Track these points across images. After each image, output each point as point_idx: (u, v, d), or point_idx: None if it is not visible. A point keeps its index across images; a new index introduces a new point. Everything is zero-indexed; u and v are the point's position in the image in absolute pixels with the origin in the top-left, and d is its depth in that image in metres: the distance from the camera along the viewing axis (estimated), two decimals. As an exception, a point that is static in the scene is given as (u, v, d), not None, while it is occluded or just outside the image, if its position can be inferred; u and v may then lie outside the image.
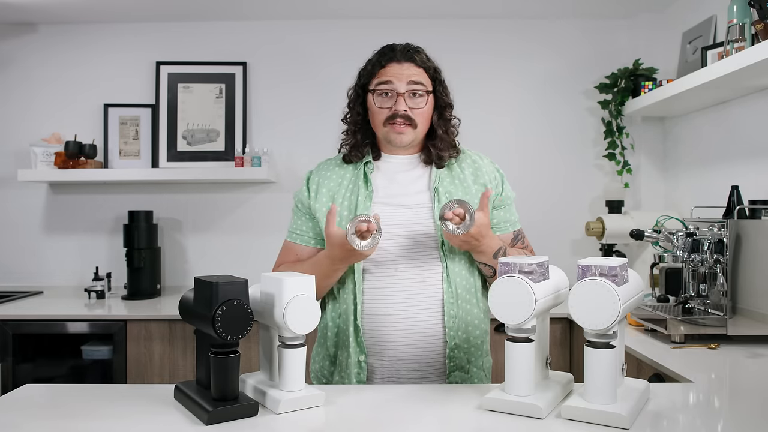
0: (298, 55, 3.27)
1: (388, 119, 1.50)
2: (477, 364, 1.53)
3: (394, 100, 1.49)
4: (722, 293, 1.88)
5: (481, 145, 3.24)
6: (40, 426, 1.15)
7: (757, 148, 2.39)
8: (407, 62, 1.51)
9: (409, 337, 1.46)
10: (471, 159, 1.60)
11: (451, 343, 1.48)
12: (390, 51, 1.53)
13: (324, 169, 1.61)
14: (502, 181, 1.59)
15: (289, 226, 1.63)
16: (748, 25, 2.11)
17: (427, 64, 1.54)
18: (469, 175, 1.56)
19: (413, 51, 1.53)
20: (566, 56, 3.24)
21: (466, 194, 1.53)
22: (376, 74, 1.52)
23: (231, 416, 1.15)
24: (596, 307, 1.09)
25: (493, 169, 1.60)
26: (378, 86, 1.51)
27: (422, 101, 1.51)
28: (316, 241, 1.58)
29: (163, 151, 3.24)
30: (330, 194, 1.56)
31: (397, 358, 1.47)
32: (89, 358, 2.66)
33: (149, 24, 3.28)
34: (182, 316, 1.30)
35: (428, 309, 1.47)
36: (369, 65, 1.55)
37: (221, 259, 3.26)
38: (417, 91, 1.50)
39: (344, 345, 1.51)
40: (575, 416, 1.13)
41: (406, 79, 1.49)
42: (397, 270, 1.47)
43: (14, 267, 3.29)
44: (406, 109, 1.49)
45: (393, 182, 1.55)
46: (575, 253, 3.19)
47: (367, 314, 1.48)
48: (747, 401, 1.38)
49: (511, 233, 1.59)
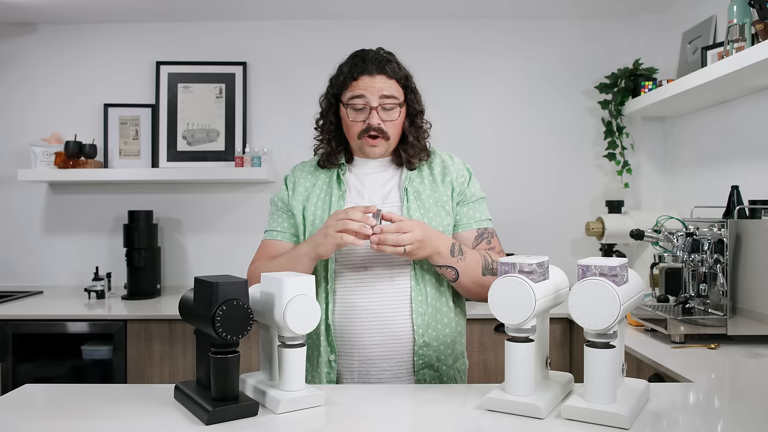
0: (298, 55, 3.27)
1: (362, 132, 1.53)
2: (447, 363, 1.54)
3: (367, 114, 1.52)
4: (722, 293, 1.88)
5: (481, 144, 3.26)
6: (40, 426, 1.15)
7: (757, 148, 2.39)
8: (379, 74, 1.52)
9: (378, 336, 1.48)
10: (440, 159, 1.63)
11: (420, 340, 1.49)
12: (362, 62, 1.53)
13: (299, 170, 1.67)
14: (468, 179, 1.62)
15: (267, 226, 1.66)
16: (748, 25, 2.11)
17: (399, 73, 1.55)
18: (438, 174, 1.60)
19: (384, 62, 1.54)
20: (566, 56, 3.24)
21: (434, 192, 1.57)
22: (349, 86, 1.54)
23: (231, 416, 1.15)
24: (596, 307, 1.09)
25: (462, 168, 1.63)
26: (351, 100, 1.53)
27: (395, 113, 1.54)
28: (296, 239, 1.61)
29: (163, 151, 3.24)
30: (306, 193, 1.60)
31: (366, 357, 1.49)
32: (89, 358, 2.66)
33: (149, 24, 3.28)
34: (182, 316, 1.30)
35: (397, 307, 1.49)
36: (341, 76, 1.56)
37: (221, 259, 3.26)
38: (388, 104, 1.52)
39: (315, 344, 1.53)
40: (575, 416, 1.13)
41: (378, 92, 1.51)
42: (367, 269, 1.50)
43: (14, 267, 3.29)
44: (379, 122, 1.52)
45: (365, 184, 1.59)
46: (575, 253, 3.19)
47: (338, 313, 1.50)
48: (747, 401, 1.38)
49: (475, 230, 1.59)
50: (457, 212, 1.59)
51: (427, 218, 1.53)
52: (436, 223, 1.53)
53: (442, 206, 1.56)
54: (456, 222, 1.59)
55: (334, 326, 1.50)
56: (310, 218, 1.57)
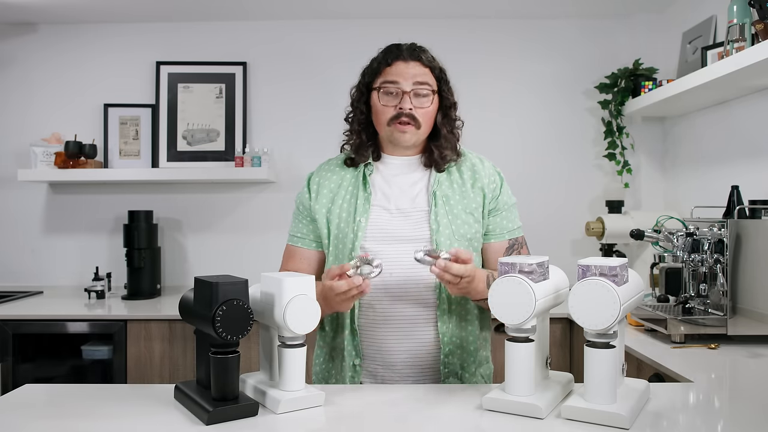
0: (298, 55, 3.27)
1: (393, 118, 1.49)
2: (470, 371, 1.53)
3: (399, 99, 1.48)
4: (722, 293, 1.88)
5: (481, 145, 3.24)
6: (40, 426, 1.15)
7: (757, 148, 2.39)
8: (413, 61, 1.50)
9: (403, 342, 1.47)
10: (470, 162, 1.58)
11: (445, 349, 1.48)
12: (396, 49, 1.52)
13: (325, 170, 1.60)
14: (500, 185, 1.57)
15: (290, 229, 1.62)
16: (748, 25, 2.10)
17: (433, 63, 1.53)
18: (468, 179, 1.55)
19: (419, 50, 1.52)
20: (566, 56, 3.24)
21: (464, 198, 1.52)
22: (381, 72, 1.51)
23: (231, 416, 1.15)
24: (596, 307, 1.09)
25: (493, 172, 1.58)
26: (383, 84, 1.50)
27: (427, 101, 1.50)
28: (317, 244, 1.58)
29: (163, 151, 3.24)
30: (330, 195, 1.55)
31: (390, 363, 1.48)
32: (89, 358, 2.66)
33: (149, 24, 3.28)
34: (182, 316, 1.30)
35: (422, 315, 1.47)
36: (374, 63, 1.53)
37: (221, 259, 3.26)
38: (422, 91, 1.49)
39: (340, 348, 1.51)
40: (575, 416, 1.13)
41: (411, 78, 1.48)
42: (392, 275, 1.46)
43: (14, 267, 3.29)
44: (411, 107, 1.48)
45: (391, 185, 1.54)
46: (575, 253, 3.19)
47: (362, 319, 1.48)
48: (747, 401, 1.38)
49: (506, 242, 1.56)
50: (489, 222, 1.54)
51: (455, 225, 1.48)
52: (464, 231, 1.49)
53: (470, 213, 1.51)
54: (488, 231, 1.54)
55: (360, 331, 1.48)
56: (335, 221, 1.52)
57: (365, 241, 1.48)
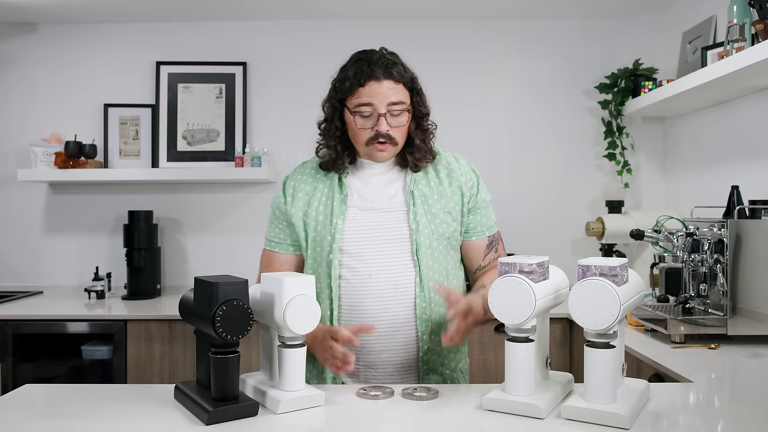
0: (298, 55, 3.27)
1: (371, 139, 1.49)
2: (450, 366, 1.54)
3: (375, 120, 1.47)
4: (722, 293, 1.88)
5: (481, 145, 3.26)
6: (40, 426, 1.16)
7: (757, 148, 2.39)
8: (386, 79, 1.46)
9: (383, 342, 1.48)
10: (446, 161, 1.59)
11: (424, 347, 1.49)
12: (368, 67, 1.47)
13: (300, 173, 1.62)
14: (477, 183, 1.58)
15: (267, 233, 1.63)
16: (748, 25, 2.10)
17: (405, 76, 1.50)
18: (444, 178, 1.55)
19: (390, 65, 1.48)
20: (566, 56, 3.24)
21: (442, 197, 1.53)
22: (355, 92, 1.48)
23: (231, 416, 1.15)
24: (596, 307, 1.09)
25: (469, 170, 1.59)
26: (358, 107, 1.48)
27: (403, 118, 1.50)
28: (295, 248, 1.59)
29: (163, 151, 3.24)
30: (306, 198, 1.56)
31: (371, 363, 1.49)
32: (89, 358, 2.66)
33: (149, 24, 3.28)
34: (182, 316, 1.30)
35: (401, 314, 1.48)
36: (347, 81, 1.49)
37: (221, 259, 3.26)
38: (396, 110, 1.48)
39: None
40: (575, 416, 1.13)
41: (385, 99, 1.46)
42: (371, 276, 1.47)
43: (14, 267, 3.29)
44: (387, 129, 1.47)
45: (367, 185, 1.54)
46: (575, 253, 3.19)
47: (343, 320, 1.49)
48: (747, 401, 1.38)
49: (486, 238, 1.59)
50: (470, 221, 1.56)
51: (434, 224, 1.50)
52: (443, 230, 1.50)
53: (448, 212, 1.52)
54: (468, 229, 1.56)
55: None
56: (312, 224, 1.53)
57: (343, 243, 1.49)
